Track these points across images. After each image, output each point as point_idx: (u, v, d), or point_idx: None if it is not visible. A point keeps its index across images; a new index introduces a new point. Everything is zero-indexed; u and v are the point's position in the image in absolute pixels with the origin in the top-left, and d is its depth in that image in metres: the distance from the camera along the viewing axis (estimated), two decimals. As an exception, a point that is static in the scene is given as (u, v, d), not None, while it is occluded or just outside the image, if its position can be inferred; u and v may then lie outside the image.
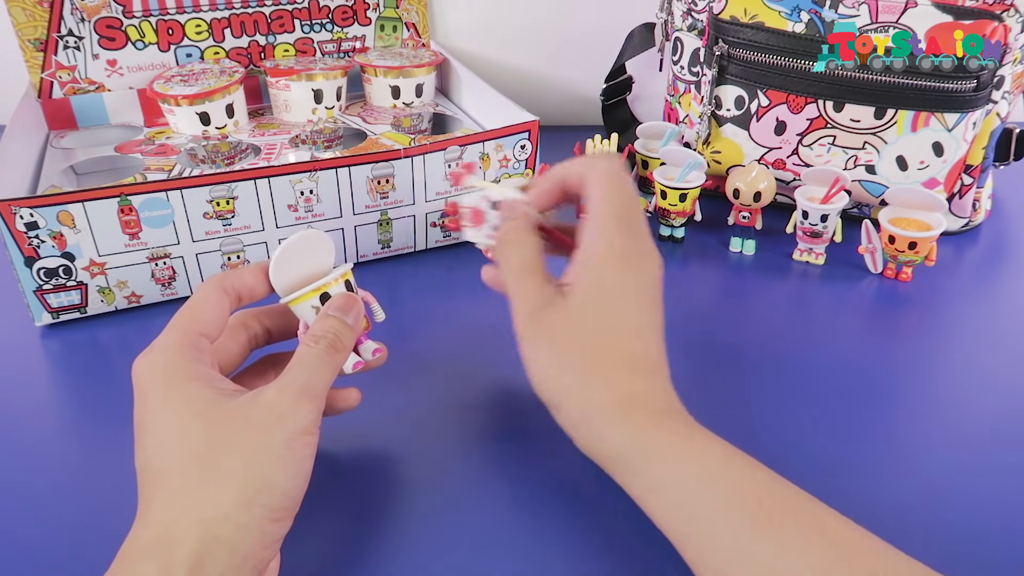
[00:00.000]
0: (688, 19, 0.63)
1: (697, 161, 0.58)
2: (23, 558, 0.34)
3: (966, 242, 0.62)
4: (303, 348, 0.33)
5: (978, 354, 0.49)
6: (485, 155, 0.57)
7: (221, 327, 0.34)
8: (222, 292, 0.34)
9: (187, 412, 0.30)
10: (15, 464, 0.39)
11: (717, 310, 0.54)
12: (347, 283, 0.37)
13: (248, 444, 0.30)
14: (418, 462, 0.40)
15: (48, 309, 0.49)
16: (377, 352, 0.38)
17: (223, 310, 0.34)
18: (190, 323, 0.33)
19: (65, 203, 0.46)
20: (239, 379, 0.37)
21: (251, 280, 0.35)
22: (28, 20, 0.60)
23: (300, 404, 0.31)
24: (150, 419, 0.31)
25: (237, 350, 0.37)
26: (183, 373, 0.31)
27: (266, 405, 0.31)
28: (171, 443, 0.30)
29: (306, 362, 0.33)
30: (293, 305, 0.36)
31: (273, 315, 0.39)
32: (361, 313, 0.36)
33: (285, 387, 0.31)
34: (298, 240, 0.35)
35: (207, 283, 0.35)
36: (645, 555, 0.34)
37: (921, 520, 0.36)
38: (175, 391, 0.31)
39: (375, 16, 0.71)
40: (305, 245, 0.36)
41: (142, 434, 0.31)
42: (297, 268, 0.36)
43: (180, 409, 0.30)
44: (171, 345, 0.32)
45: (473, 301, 0.54)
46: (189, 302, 0.34)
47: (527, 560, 0.34)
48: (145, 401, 0.31)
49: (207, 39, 0.66)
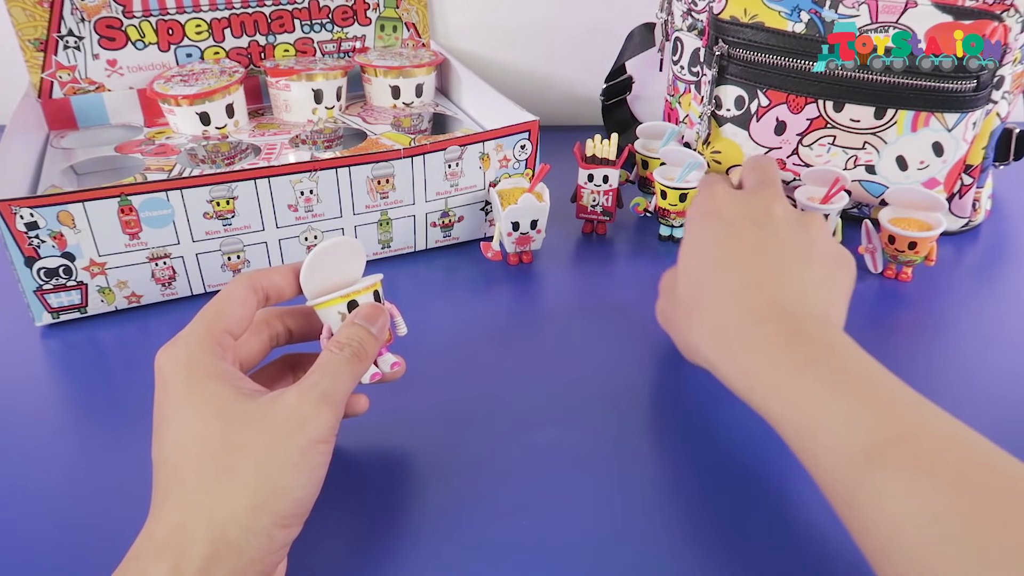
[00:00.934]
0: (688, 19, 0.63)
1: (697, 161, 0.58)
2: (23, 558, 0.34)
3: (966, 242, 0.62)
4: (327, 354, 0.33)
5: (978, 354, 0.49)
6: (485, 155, 0.57)
7: (246, 325, 0.35)
8: (251, 290, 0.34)
9: (207, 410, 0.30)
10: (15, 464, 0.39)
11: (717, 310, 0.53)
12: (375, 293, 0.37)
13: (264, 448, 0.30)
14: (419, 462, 0.40)
15: (48, 309, 0.49)
16: (395, 366, 0.38)
17: (250, 308, 0.34)
18: (216, 319, 0.33)
19: (65, 203, 0.46)
20: (255, 377, 0.37)
21: (281, 281, 0.35)
22: (28, 20, 0.60)
23: (320, 410, 0.31)
24: (170, 413, 0.31)
25: (258, 348, 0.37)
26: (205, 369, 0.31)
27: (286, 409, 0.31)
28: (189, 440, 0.30)
29: (329, 368, 0.33)
30: (319, 309, 0.36)
31: (297, 316, 0.39)
32: (387, 325, 0.36)
33: (306, 392, 0.31)
34: (332, 246, 0.35)
35: (237, 279, 0.35)
36: (650, 556, 0.34)
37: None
38: (196, 387, 0.31)
39: (375, 16, 0.71)
40: (338, 251, 0.36)
41: (161, 427, 0.31)
42: (328, 273, 0.36)
43: (200, 406, 0.30)
44: (195, 339, 0.32)
45: (473, 301, 0.54)
46: (218, 297, 0.34)
47: (527, 561, 0.34)
48: (166, 393, 0.31)
49: (207, 39, 0.66)
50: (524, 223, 0.56)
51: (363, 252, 0.37)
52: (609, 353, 0.49)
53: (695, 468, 0.40)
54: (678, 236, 0.61)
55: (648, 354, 0.48)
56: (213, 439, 0.30)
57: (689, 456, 0.40)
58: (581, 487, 0.38)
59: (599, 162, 0.59)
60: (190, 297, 0.53)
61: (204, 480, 0.29)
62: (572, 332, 0.51)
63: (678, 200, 0.59)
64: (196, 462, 0.29)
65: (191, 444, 0.30)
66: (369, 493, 0.38)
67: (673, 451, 0.41)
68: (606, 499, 0.37)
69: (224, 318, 0.33)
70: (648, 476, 0.39)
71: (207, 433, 0.30)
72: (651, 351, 0.48)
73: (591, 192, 0.60)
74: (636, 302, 0.54)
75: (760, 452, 0.40)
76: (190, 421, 0.30)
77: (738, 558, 0.35)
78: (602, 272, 0.58)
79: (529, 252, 0.58)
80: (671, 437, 0.42)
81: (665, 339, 0.49)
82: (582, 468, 0.39)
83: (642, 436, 0.42)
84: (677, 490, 0.38)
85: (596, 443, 0.41)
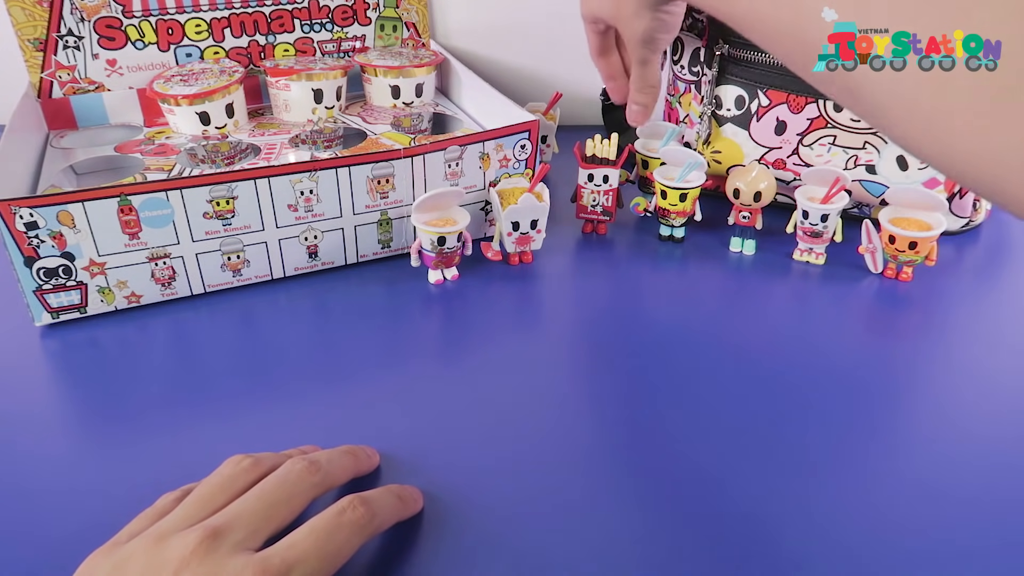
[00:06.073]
0: (688, 19, 0.63)
1: (697, 161, 0.58)
2: (23, 558, 0.34)
3: (966, 242, 0.62)
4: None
5: (978, 354, 0.49)
6: (485, 155, 0.57)
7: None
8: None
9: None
10: (15, 464, 0.39)
11: (717, 310, 0.54)
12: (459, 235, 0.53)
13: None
14: (419, 462, 0.40)
15: (48, 309, 0.49)
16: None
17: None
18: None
19: (65, 203, 0.46)
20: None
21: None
22: (28, 20, 0.59)
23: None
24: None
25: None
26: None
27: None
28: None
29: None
30: (421, 232, 0.52)
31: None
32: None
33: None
34: (436, 193, 0.52)
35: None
36: (648, 556, 0.34)
37: (919, 519, 0.36)
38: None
39: (375, 16, 0.71)
40: (440, 196, 0.53)
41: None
42: (431, 207, 0.53)
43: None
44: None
45: (473, 300, 0.54)
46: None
47: (528, 563, 0.34)
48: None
49: (207, 39, 0.66)
50: (524, 223, 0.56)
51: (462, 196, 0.55)
52: (609, 353, 0.49)
53: (699, 464, 0.40)
54: (678, 236, 0.61)
55: (649, 354, 0.48)
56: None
57: (693, 452, 0.40)
58: (583, 488, 0.38)
59: (599, 162, 0.59)
60: (190, 297, 0.53)
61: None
62: (572, 332, 0.51)
63: (678, 200, 0.59)
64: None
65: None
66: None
67: (674, 449, 0.41)
68: (609, 500, 0.37)
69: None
70: (648, 475, 0.39)
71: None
72: (652, 351, 0.48)
73: (591, 192, 0.60)
74: (636, 302, 0.54)
75: (760, 451, 0.40)
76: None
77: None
78: (602, 272, 0.58)
79: (529, 252, 0.58)
80: (671, 436, 0.42)
81: (666, 339, 0.49)
82: (581, 469, 0.39)
83: (642, 436, 0.42)
84: (680, 487, 0.38)
85: (595, 441, 0.41)
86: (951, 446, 0.41)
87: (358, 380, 0.46)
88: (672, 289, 0.56)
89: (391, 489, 0.35)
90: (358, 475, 0.37)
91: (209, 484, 0.32)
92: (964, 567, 0.34)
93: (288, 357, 0.47)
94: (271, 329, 0.50)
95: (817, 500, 0.37)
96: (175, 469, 0.36)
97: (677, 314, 0.53)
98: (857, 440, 0.41)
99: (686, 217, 0.60)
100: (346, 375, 0.46)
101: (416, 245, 0.54)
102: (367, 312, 0.52)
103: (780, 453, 0.40)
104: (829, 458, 0.40)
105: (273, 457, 0.35)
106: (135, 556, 0.29)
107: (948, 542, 0.35)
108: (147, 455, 0.40)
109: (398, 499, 0.35)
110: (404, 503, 0.35)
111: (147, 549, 0.29)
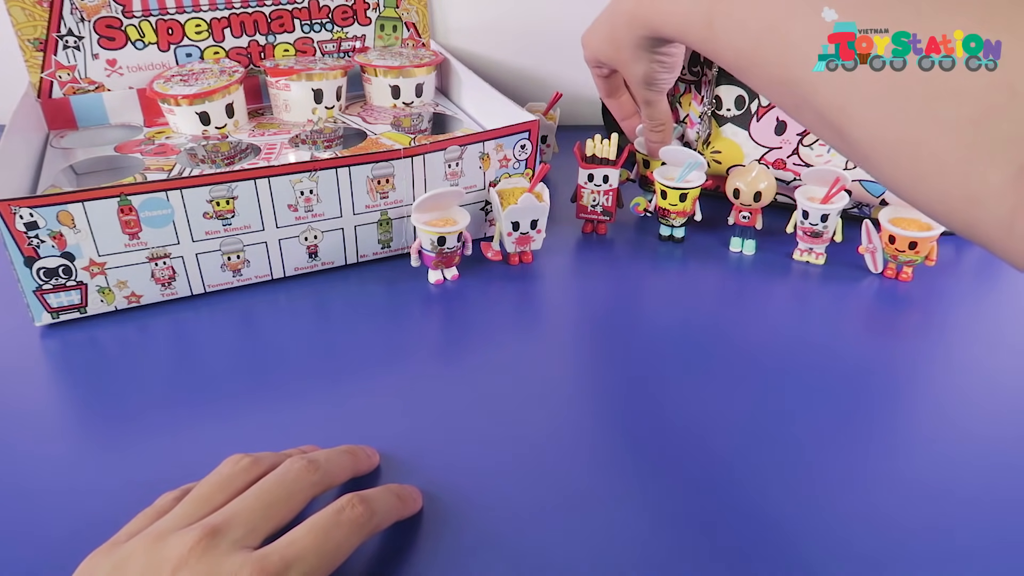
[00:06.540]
0: (688, 19, 0.63)
1: (697, 161, 0.58)
2: (23, 558, 0.34)
3: (966, 242, 0.62)
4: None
5: (978, 354, 0.49)
6: (485, 155, 0.57)
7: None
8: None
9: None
10: (15, 464, 0.39)
11: (717, 310, 0.54)
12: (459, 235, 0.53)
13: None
14: (419, 462, 0.40)
15: (48, 309, 0.49)
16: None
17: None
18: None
19: (65, 203, 0.46)
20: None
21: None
22: (28, 20, 0.59)
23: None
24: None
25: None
26: None
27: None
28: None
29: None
30: (421, 232, 0.52)
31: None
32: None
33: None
34: (436, 193, 0.52)
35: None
36: (648, 556, 0.34)
37: (919, 519, 0.36)
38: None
39: (375, 16, 0.71)
40: (440, 196, 0.52)
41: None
42: (430, 207, 0.53)
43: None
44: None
45: (473, 300, 0.54)
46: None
47: (528, 563, 0.34)
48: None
49: (207, 39, 0.66)
50: (524, 223, 0.56)
51: (462, 196, 0.55)
52: (609, 353, 0.49)
53: (699, 465, 0.40)
54: (678, 236, 0.61)
55: (649, 354, 0.48)
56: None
57: (693, 452, 0.40)
58: (582, 489, 0.38)
59: (599, 162, 0.59)
60: (190, 297, 0.53)
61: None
62: (572, 332, 0.51)
63: (678, 200, 0.59)
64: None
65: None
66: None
67: (674, 450, 0.41)
68: (603, 498, 0.37)
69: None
70: (648, 474, 0.39)
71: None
72: (652, 351, 0.48)
73: (591, 192, 0.60)
74: (636, 302, 0.54)
75: (760, 451, 0.40)
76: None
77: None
78: (602, 272, 0.58)
79: (529, 252, 0.58)
80: (671, 436, 0.42)
81: (666, 339, 0.49)
82: (581, 470, 0.39)
83: (642, 436, 0.42)
84: (680, 488, 0.38)
85: (595, 441, 0.41)
86: (951, 446, 0.41)
87: (358, 380, 0.46)
88: (672, 289, 0.56)
89: (390, 488, 0.35)
90: (357, 474, 0.37)
91: (208, 483, 0.32)
92: (964, 567, 0.34)
93: (288, 357, 0.47)
94: (271, 329, 0.50)
95: (817, 500, 0.37)
96: (175, 469, 0.36)
97: (677, 314, 0.53)
98: (857, 440, 0.41)
99: (686, 217, 0.60)
100: (346, 375, 0.46)
101: (416, 245, 0.54)
102: (367, 312, 0.52)
103: (780, 453, 0.40)
104: (829, 458, 0.40)
105: (272, 456, 0.35)
106: (134, 555, 0.29)
107: (948, 542, 0.35)
108: (147, 455, 0.40)
109: (397, 498, 0.35)
110: (403, 502, 0.35)
111: (146, 548, 0.29)
